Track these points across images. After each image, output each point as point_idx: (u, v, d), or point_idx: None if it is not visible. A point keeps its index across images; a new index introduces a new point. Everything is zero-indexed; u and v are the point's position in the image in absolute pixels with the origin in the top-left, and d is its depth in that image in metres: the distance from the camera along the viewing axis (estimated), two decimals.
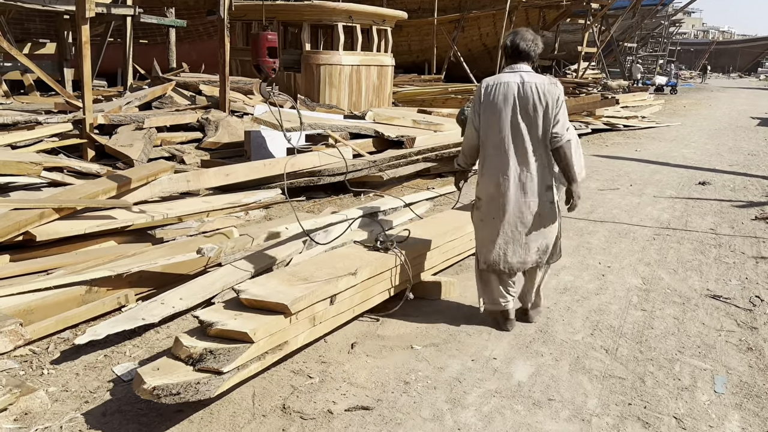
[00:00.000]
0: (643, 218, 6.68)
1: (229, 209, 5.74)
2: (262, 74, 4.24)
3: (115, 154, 7.65)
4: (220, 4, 9.39)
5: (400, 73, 21.15)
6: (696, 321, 4.11)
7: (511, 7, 21.04)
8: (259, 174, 6.38)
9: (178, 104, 9.98)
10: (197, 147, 9.00)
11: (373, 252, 3.87)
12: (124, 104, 9.25)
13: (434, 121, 9.27)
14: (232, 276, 4.05)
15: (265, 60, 4.12)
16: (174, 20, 12.51)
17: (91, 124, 8.03)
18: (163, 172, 5.40)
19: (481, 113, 3.60)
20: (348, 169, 6.92)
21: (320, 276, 3.29)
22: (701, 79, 44.73)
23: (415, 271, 4.07)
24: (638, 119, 16.19)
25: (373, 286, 3.66)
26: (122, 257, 4.16)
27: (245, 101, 10.42)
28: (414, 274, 4.04)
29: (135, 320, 3.46)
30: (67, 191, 4.66)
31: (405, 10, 14.78)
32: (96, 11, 9.17)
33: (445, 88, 15.05)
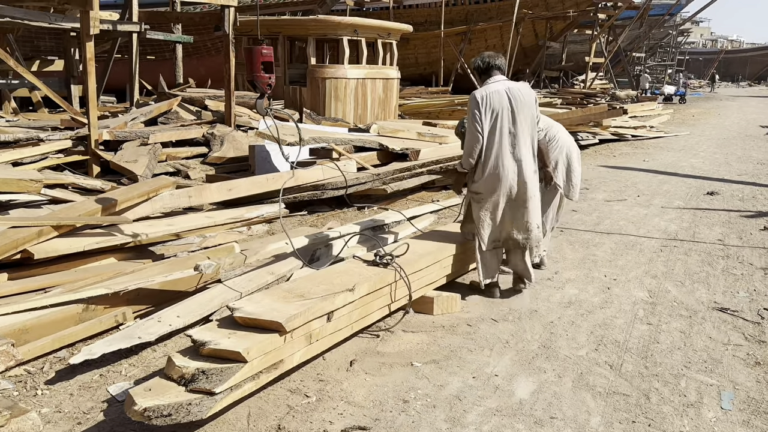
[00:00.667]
0: (650, 229, 6.59)
1: (231, 224, 5.71)
2: (258, 90, 4.21)
3: (119, 170, 7.66)
4: (224, 19, 9.44)
5: (408, 86, 21.23)
6: (703, 335, 4.02)
7: (517, 18, 21.07)
8: (262, 188, 6.36)
9: (183, 119, 10.01)
10: (202, 162, 9.00)
11: (372, 267, 3.82)
12: (130, 120, 9.28)
13: (439, 133, 9.24)
14: (231, 293, 4.01)
15: (259, 75, 4.10)
16: (180, 36, 12.60)
17: (96, 140, 8.05)
18: (164, 187, 5.39)
19: (483, 119, 4.22)
20: (351, 183, 6.89)
21: (317, 292, 3.25)
22: (710, 88, 44.53)
23: (415, 286, 4.01)
24: (646, 129, 16.10)
25: (371, 302, 3.61)
26: (120, 274, 4.13)
27: (251, 116, 10.43)
28: (414, 290, 3.99)
29: (131, 339, 3.42)
30: (67, 208, 4.65)
31: (412, 23, 14.82)
32: (102, 28, 9.26)
33: (451, 100, 15.05)
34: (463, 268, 4.75)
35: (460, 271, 4.75)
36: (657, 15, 31.91)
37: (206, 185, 6.04)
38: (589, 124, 13.99)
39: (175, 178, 6.76)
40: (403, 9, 25.28)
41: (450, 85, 22.02)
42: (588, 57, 23.95)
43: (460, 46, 22.78)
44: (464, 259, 4.67)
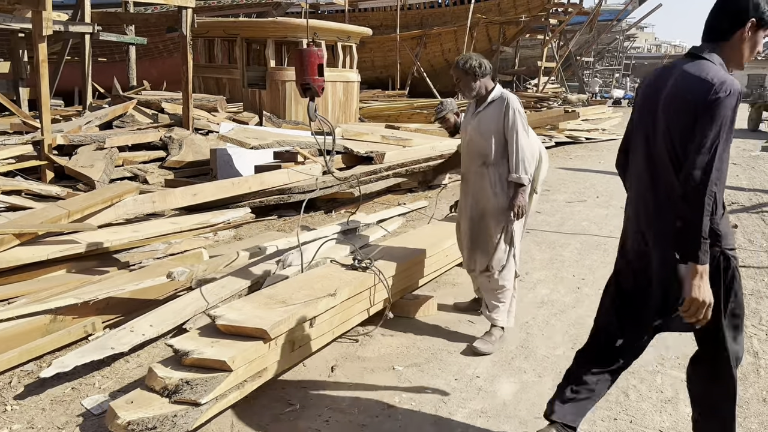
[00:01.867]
0: (612, 229, 6.74)
1: (198, 230, 5.59)
2: (310, 93, 4.06)
3: (75, 176, 7.41)
4: (182, 21, 9.26)
5: (365, 89, 21.22)
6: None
7: (471, 23, 21.34)
8: (228, 193, 6.25)
9: (140, 123, 9.76)
10: (161, 166, 8.79)
11: (351, 271, 3.79)
12: (84, 124, 8.99)
13: (403, 136, 9.26)
14: (203, 300, 3.92)
15: (315, 78, 3.97)
16: (134, 38, 12.28)
17: (50, 145, 7.78)
18: (128, 193, 5.24)
19: None
20: (318, 187, 6.83)
21: (299, 298, 3.20)
22: None
23: (393, 289, 4.00)
24: (599, 132, 16.49)
25: (352, 307, 3.57)
26: (88, 283, 3.99)
27: (209, 118, 10.25)
28: (393, 293, 3.97)
29: (103, 350, 3.30)
30: (28, 216, 4.47)
31: (368, 27, 14.82)
32: (53, 29, 8.94)
33: (410, 104, 15.10)
34: (440, 269, 4.75)
35: (438, 273, 4.76)
36: (605, 20, 32.77)
37: (170, 190, 5.90)
38: (546, 127, 14.25)
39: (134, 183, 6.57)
40: (358, 12, 25.31)
41: (406, 88, 22.12)
42: (540, 61, 24.40)
43: (416, 50, 22.91)
44: (440, 260, 4.68)
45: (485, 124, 3.70)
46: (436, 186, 8.40)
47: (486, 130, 3.69)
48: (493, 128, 3.67)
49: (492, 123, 3.67)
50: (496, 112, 3.66)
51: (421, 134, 10.11)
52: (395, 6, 23.26)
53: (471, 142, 3.79)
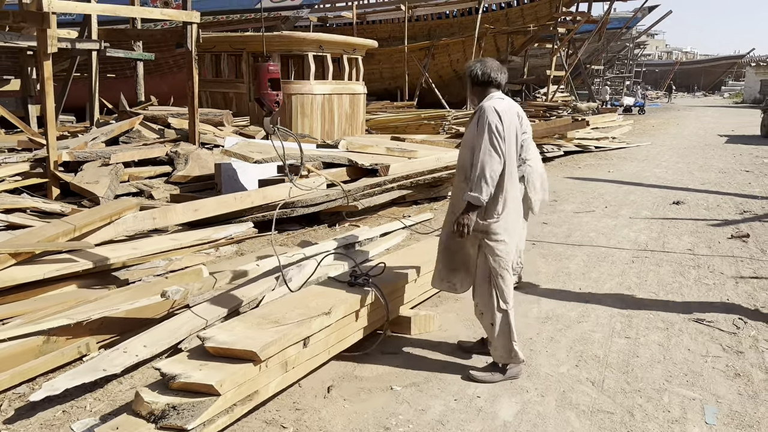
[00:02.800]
0: (620, 240, 6.62)
1: (199, 246, 5.55)
2: (265, 108, 4.06)
3: (80, 192, 7.41)
4: (187, 36, 9.28)
5: (373, 101, 21.24)
6: (681, 347, 4.01)
7: (479, 33, 21.31)
8: (230, 208, 6.20)
9: (146, 138, 9.78)
10: (166, 181, 8.78)
11: (349, 288, 3.71)
12: (90, 140, 9.02)
13: (408, 148, 9.19)
14: (200, 319, 3.86)
15: (267, 93, 3.96)
16: (141, 53, 12.34)
17: (56, 162, 7.80)
18: (127, 210, 5.20)
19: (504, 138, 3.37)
20: (322, 200, 6.78)
21: (292, 317, 3.12)
22: (667, 99, 45.68)
23: (392, 306, 3.91)
24: (609, 140, 16.35)
25: (348, 325, 3.50)
26: (83, 303, 3.94)
27: (215, 133, 10.25)
28: (391, 309, 3.89)
29: (95, 372, 3.24)
30: (25, 234, 4.44)
31: (376, 39, 14.84)
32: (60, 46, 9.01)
33: (418, 114, 15.06)
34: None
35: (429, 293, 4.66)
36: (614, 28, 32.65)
37: (171, 206, 5.86)
38: (554, 137, 14.14)
39: (138, 198, 6.55)
40: (366, 24, 25.39)
41: (415, 99, 22.11)
42: (549, 70, 24.31)
43: (424, 61, 22.91)
44: None
45: (467, 136, 3.50)
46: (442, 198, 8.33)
47: (466, 142, 3.48)
48: (470, 141, 3.42)
49: (470, 135, 3.43)
50: (474, 124, 3.42)
51: (427, 146, 10.05)
52: (403, 18, 23.30)
53: (459, 155, 3.64)
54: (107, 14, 8.68)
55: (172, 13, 9.37)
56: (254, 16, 23.11)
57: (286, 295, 3.76)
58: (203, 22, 21.13)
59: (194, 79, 9.36)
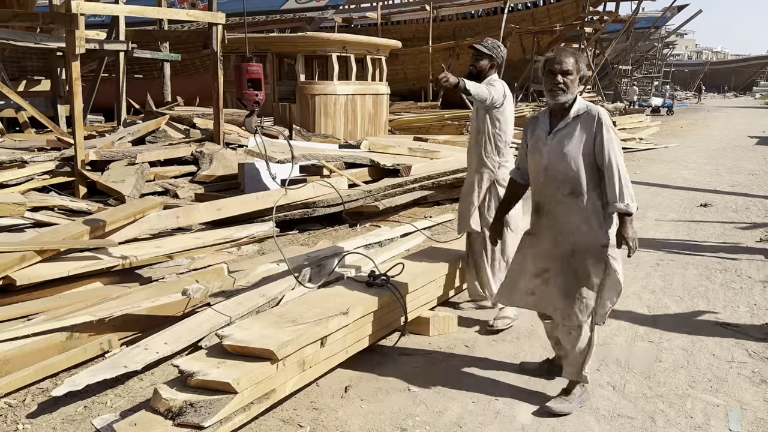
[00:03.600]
0: (645, 244, 6.52)
1: (221, 245, 5.59)
2: (247, 107, 4.12)
3: (106, 191, 7.53)
4: (212, 37, 9.36)
5: (397, 101, 21.26)
6: (705, 352, 3.93)
7: (505, 33, 21.18)
8: (252, 207, 6.25)
9: (172, 138, 9.90)
10: (191, 180, 8.89)
11: (367, 288, 3.71)
12: (117, 139, 9.16)
13: (430, 148, 9.18)
14: (220, 317, 3.89)
15: (247, 92, 4.01)
16: (168, 54, 12.51)
17: (83, 161, 7.92)
18: (151, 208, 5.27)
19: None
20: (343, 200, 6.79)
21: (310, 317, 3.13)
22: (697, 100, 44.95)
23: (410, 307, 3.90)
24: (636, 141, 16.13)
25: (366, 325, 3.49)
26: (106, 300, 4.00)
27: (240, 133, 10.34)
28: (410, 310, 3.88)
29: (116, 368, 3.28)
30: (51, 232, 4.52)
31: (400, 39, 14.84)
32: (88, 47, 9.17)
33: (441, 115, 15.02)
34: (459, 286, 4.64)
35: (457, 290, 4.65)
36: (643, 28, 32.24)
37: (195, 205, 5.93)
38: None
39: (163, 197, 6.62)
40: (391, 25, 25.41)
41: (439, 99, 22.04)
42: None
43: (449, 61, 22.83)
44: (459, 277, 4.57)
45: (571, 144, 3.07)
46: None
47: (573, 152, 3.06)
48: (581, 150, 3.05)
49: (579, 143, 3.05)
50: (584, 129, 3.06)
51: (450, 146, 10.01)
52: (427, 18, 23.27)
53: (550, 167, 3.13)
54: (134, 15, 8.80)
55: (198, 14, 9.48)
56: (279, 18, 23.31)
57: (304, 295, 3.77)
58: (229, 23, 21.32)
59: (219, 79, 9.44)
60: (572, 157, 3.07)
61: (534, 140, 3.24)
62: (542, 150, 3.17)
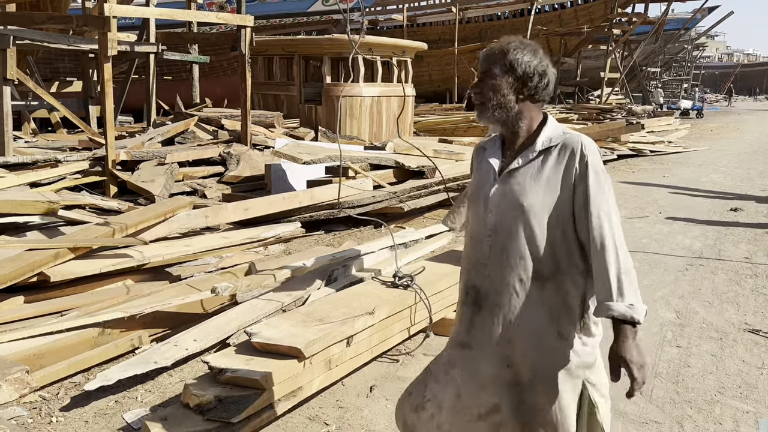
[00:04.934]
0: (674, 247, 6.44)
1: (248, 244, 5.66)
2: None
3: (137, 190, 7.66)
4: (240, 40, 9.47)
5: (422, 103, 21.27)
6: (735, 358, 3.88)
7: (531, 35, 21.06)
8: (278, 208, 6.31)
9: (200, 139, 10.03)
10: (219, 181, 9.00)
11: (391, 289, 3.74)
12: (147, 140, 9.31)
13: (455, 150, 9.17)
14: (249, 315, 3.93)
15: None
16: (197, 56, 12.66)
17: (114, 161, 8.08)
18: (181, 208, 5.36)
19: None
20: (368, 201, 6.82)
21: (336, 316, 3.16)
22: (727, 102, 44.17)
23: (435, 308, 3.92)
24: (665, 144, 15.92)
25: (391, 326, 3.52)
26: (136, 297, 4.08)
27: (266, 134, 10.44)
28: (434, 312, 3.89)
29: (147, 364, 3.35)
30: (84, 230, 4.62)
31: (425, 41, 14.84)
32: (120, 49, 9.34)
33: (466, 117, 14.98)
34: None
35: None
36: (672, 30, 31.78)
37: (223, 205, 6.01)
38: (607, 140, 13.87)
39: (192, 197, 6.71)
40: (416, 27, 25.41)
41: (464, 102, 22.00)
42: (603, 72, 23.83)
43: (474, 63, 22.76)
44: None
45: (533, 194, 1.87)
46: None
47: (536, 207, 1.87)
48: (552, 204, 1.86)
49: (548, 194, 1.87)
50: (556, 171, 1.88)
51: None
52: (453, 20, 23.24)
53: (499, 229, 1.92)
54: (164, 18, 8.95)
55: (227, 16, 9.61)
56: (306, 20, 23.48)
57: (330, 295, 3.80)
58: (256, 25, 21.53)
59: (247, 81, 9.56)
60: (535, 216, 1.86)
61: (477, 181, 2.01)
62: (487, 198, 1.94)
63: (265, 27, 22.13)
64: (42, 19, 8.20)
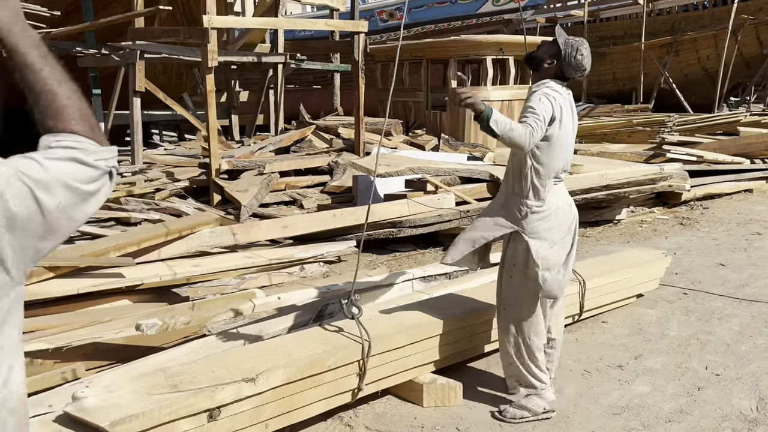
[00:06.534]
0: None
1: (276, 265, 5.24)
2: None
3: (231, 199, 7.72)
4: (354, 46, 9.16)
5: (603, 103, 19.45)
6: None
7: (735, 25, 18.22)
8: (324, 225, 5.82)
9: (316, 147, 9.92)
10: (321, 191, 8.79)
11: (331, 338, 3.04)
12: (257, 150, 9.39)
13: (574, 161, 7.92)
14: (193, 355, 3.49)
15: None
16: (338, 65, 12.69)
17: (217, 169, 8.23)
18: (204, 224, 5.10)
19: None
20: (432, 221, 6.07)
21: (203, 381, 2.56)
22: None
23: (399, 366, 3.14)
24: None
25: (303, 392, 2.82)
26: (96, 323, 3.83)
27: (383, 143, 10.02)
28: (392, 373, 3.11)
29: (40, 406, 3.04)
30: (72, 248, 4.54)
31: (610, 37, 13.39)
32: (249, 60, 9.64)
33: (629, 120, 13.23)
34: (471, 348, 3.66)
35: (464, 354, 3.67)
36: None
37: (254, 222, 5.69)
38: None
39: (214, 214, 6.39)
40: (599, 22, 23.35)
41: (651, 101, 19.71)
42: None
43: (664, 59, 20.30)
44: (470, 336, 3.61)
45: None
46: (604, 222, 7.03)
47: None
48: None
49: None
50: None
51: (604, 159, 8.61)
52: (641, 13, 20.90)
53: None
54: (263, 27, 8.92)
55: (339, 23, 9.35)
56: (475, 22, 22.71)
57: (222, 351, 3.16)
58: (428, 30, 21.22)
59: (360, 88, 9.23)
60: None
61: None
62: None
63: (434, 32, 21.73)
64: (158, 34, 8.60)
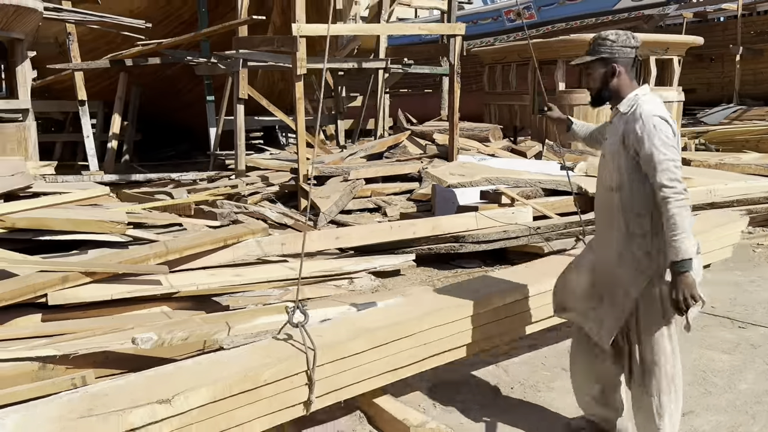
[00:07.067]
0: None
1: (321, 278, 5.09)
2: None
3: (313, 205, 7.74)
4: (450, 49, 8.85)
5: (758, 105, 17.51)
6: None
7: None
8: (381, 238, 5.58)
9: (410, 153, 9.72)
10: (408, 198, 8.59)
11: (281, 349, 2.82)
12: (347, 156, 9.35)
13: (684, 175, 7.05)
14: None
15: None
16: (446, 69, 12.42)
17: (305, 175, 8.31)
18: (250, 234, 5.05)
19: None
20: (497, 236, 5.62)
21: (120, 404, 2.43)
22: None
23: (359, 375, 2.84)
24: None
25: (234, 411, 2.61)
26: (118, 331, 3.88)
27: (480, 149, 9.60)
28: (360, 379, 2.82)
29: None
30: (112, 254, 4.64)
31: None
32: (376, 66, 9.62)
33: None
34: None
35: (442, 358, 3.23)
36: None
37: (309, 232, 5.53)
38: None
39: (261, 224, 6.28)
40: (756, 16, 21.00)
41: None
42: None
43: None
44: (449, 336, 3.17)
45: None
46: None
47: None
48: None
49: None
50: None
51: (721, 171, 7.59)
52: None
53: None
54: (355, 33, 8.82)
55: (434, 27, 9.08)
56: (612, 18, 21.31)
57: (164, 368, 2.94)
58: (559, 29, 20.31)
59: (456, 93, 8.91)
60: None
61: None
62: None
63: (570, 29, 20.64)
64: (257, 43, 8.83)
